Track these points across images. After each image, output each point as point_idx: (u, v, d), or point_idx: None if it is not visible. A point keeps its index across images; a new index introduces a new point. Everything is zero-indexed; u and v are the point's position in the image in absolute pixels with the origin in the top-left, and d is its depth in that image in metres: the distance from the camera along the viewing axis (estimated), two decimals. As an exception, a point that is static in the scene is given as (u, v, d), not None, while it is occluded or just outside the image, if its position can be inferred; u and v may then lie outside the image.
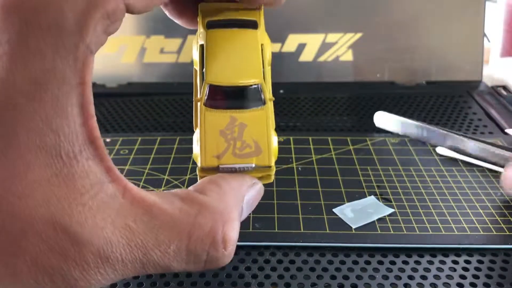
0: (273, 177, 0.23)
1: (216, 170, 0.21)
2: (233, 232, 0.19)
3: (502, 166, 0.35)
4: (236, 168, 0.21)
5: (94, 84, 0.51)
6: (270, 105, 0.22)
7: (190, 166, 0.36)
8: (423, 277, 0.26)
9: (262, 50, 0.23)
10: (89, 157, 0.16)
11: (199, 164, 0.21)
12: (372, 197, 0.32)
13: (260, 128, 0.22)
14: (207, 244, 0.19)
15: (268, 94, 0.22)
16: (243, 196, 0.21)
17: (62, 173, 0.16)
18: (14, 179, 0.15)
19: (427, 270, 0.26)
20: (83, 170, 0.16)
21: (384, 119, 0.41)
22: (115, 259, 0.17)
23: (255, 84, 0.22)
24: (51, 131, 0.16)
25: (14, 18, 0.16)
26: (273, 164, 0.22)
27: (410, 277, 0.26)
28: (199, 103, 0.22)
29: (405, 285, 0.25)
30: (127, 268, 0.17)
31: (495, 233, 0.29)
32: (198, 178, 0.22)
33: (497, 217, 0.30)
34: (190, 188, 0.20)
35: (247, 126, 0.22)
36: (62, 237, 0.16)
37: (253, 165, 0.21)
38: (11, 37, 0.16)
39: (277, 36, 0.51)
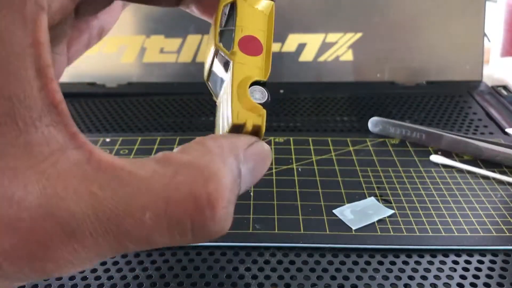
0: (263, 128, 0.19)
1: None
2: (219, 189, 0.16)
3: (500, 165, 0.35)
4: None
5: (94, 84, 0.51)
6: (237, 57, 0.20)
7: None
8: (423, 278, 0.26)
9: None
10: (50, 123, 0.15)
11: None
12: (372, 198, 0.32)
13: (233, 83, 0.20)
14: (189, 207, 0.16)
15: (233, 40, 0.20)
16: (237, 155, 0.17)
17: (18, 142, 0.14)
18: None
19: (427, 270, 0.26)
20: (42, 137, 0.15)
21: (379, 126, 0.40)
22: (82, 233, 0.15)
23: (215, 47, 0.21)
24: (3, 98, 0.14)
25: None
26: (241, 118, 0.19)
27: (410, 278, 0.26)
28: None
29: (405, 285, 0.25)
30: (100, 244, 0.15)
31: (494, 234, 0.29)
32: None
33: (497, 218, 0.30)
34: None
35: (226, 91, 0.20)
36: (17, 213, 0.14)
37: (226, 131, 0.19)
38: None
39: (277, 36, 0.51)
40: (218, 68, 0.21)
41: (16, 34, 0.14)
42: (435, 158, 0.36)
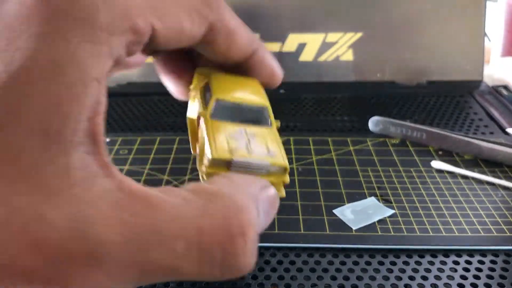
0: (283, 191, 0.21)
1: (228, 166, 0.19)
2: (251, 220, 0.16)
3: (500, 164, 0.35)
4: (251, 163, 0.19)
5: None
6: (276, 128, 0.22)
7: (190, 166, 0.36)
8: (424, 278, 0.26)
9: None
10: (87, 151, 0.15)
11: (209, 156, 0.19)
12: (373, 198, 0.32)
13: (271, 140, 0.21)
14: (222, 237, 0.15)
15: (273, 119, 0.22)
16: (256, 195, 0.18)
17: (58, 162, 0.14)
18: (3, 160, 0.14)
19: (427, 270, 0.26)
20: (79, 162, 0.15)
21: (379, 125, 0.40)
22: (109, 261, 0.14)
23: (262, 105, 0.22)
24: (58, 116, 0.15)
25: (46, 5, 0.15)
26: (286, 169, 0.20)
27: (411, 278, 0.26)
28: (202, 117, 0.21)
29: (406, 285, 0.25)
30: (124, 273, 0.15)
31: (495, 234, 0.29)
32: (203, 178, 0.19)
33: (498, 218, 0.30)
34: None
35: (256, 136, 0.20)
36: (48, 234, 0.14)
37: (268, 163, 0.19)
38: (41, 20, 0.15)
39: (277, 36, 0.51)
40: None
41: (89, 65, 0.15)
42: (436, 164, 0.35)
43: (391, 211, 0.31)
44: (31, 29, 0.15)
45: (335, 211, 0.31)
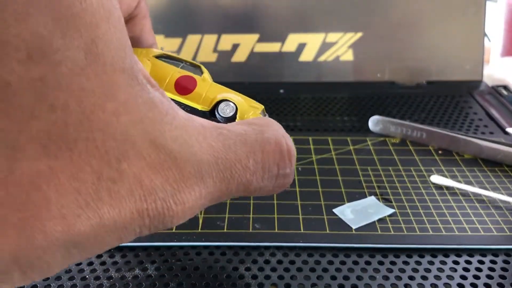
0: None
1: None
2: (292, 145, 0.20)
3: (500, 163, 0.35)
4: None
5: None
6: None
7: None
8: (424, 278, 0.26)
9: None
10: (154, 89, 0.16)
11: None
12: (373, 197, 0.32)
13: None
14: (277, 157, 0.19)
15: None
16: (285, 133, 0.22)
17: (144, 96, 0.16)
18: (104, 97, 0.14)
19: (427, 270, 0.26)
20: (156, 97, 0.16)
21: (379, 125, 0.40)
22: (207, 177, 0.17)
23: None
24: (128, 57, 0.15)
25: None
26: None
27: (411, 278, 0.26)
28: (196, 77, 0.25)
29: (406, 285, 0.25)
30: (216, 187, 0.17)
31: (495, 233, 0.29)
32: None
33: (498, 218, 0.30)
34: None
35: None
36: (161, 155, 0.15)
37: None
38: None
39: (277, 36, 0.51)
40: None
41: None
42: (435, 178, 0.34)
43: (391, 210, 0.31)
44: None
45: (335, 210, 0.31)
